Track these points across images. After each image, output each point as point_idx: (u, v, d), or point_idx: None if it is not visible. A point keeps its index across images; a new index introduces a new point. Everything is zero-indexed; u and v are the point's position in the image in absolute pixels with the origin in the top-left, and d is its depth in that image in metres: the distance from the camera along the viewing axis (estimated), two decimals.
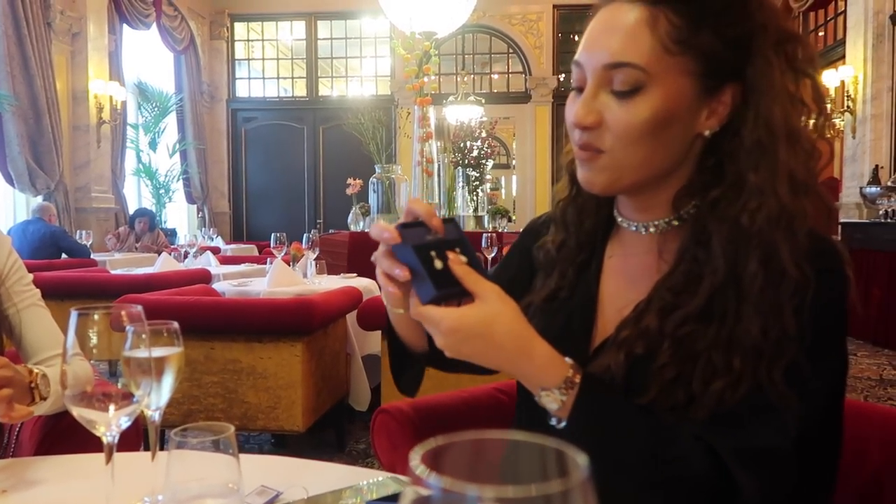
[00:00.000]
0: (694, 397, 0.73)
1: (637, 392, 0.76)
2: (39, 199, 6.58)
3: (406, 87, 5.22)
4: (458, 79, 8.58)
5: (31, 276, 1.20)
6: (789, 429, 0.70)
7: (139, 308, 0.74)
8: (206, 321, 2.61)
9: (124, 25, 8.17)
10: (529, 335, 0.72)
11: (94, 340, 0.77)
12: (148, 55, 9.05)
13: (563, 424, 0.72)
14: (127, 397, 0.73)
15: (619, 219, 0.89)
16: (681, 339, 0.75)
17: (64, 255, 5.66)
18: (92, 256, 5.79)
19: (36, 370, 1.02)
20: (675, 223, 0.83)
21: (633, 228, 0.87)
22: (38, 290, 1.21)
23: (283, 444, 3.05)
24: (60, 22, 7.03)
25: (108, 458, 0.72)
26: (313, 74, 10.51)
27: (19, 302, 1.15)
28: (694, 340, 0.74)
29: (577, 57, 0.81)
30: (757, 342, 0.71)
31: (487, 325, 0.70)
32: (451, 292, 0.70)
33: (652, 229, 0.85)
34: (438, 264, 0.69)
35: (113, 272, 4.60)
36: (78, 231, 6.26)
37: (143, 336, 0.80)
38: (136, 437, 1.23)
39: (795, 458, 0.70)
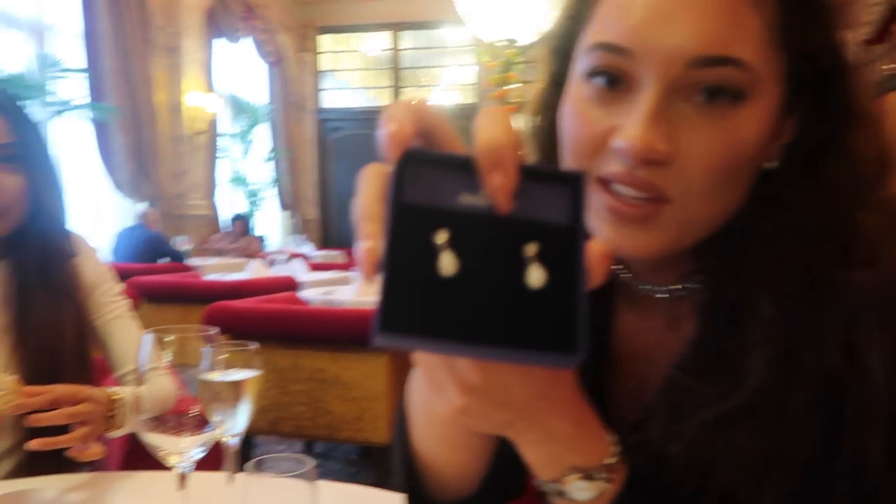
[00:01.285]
0: None
1: None
2: (144, 205, 6.90)
3: (490, 95, 5.15)
4: None
5: (120, 286, 1.20)
6: None
7: (216, 329, 0.69)
8: (292, 330, 2.61)
9: (218, 39, 8.48)
10: (580, 391, 0.46)
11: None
12: (240, 67, 9.38)
13: None
14: (202, 423, 0.68)
15: (624, 274, 0.62)
16: (702, 441, 0.52)
17: (161, 260, 5.90)
18: (188, 261, 6.02)
19: (118, 397, 1.00)
20: (693, 283, 0.58)
21: (645, 291, 0.61)
22: (127, 301, 1.20)
23: (369, 453, 3.01)
24: (160, 37, 7.36)
25: (181, 485, 0.67)
26: (397, 84, 10.60)
27: (107, 313, 1.14)
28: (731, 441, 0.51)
29: (615, 38, 0.51)
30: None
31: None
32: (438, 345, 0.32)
33: (670, 294, 0.59)
34: (448, 266, 0.32)
35: (205, 278, 4.74)
36: (175, 237, 6.53)
37: (221, 358, 0.75)
38: (216, 456, 1.20)
39: None
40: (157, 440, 0.66)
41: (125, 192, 6.78)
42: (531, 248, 0.32)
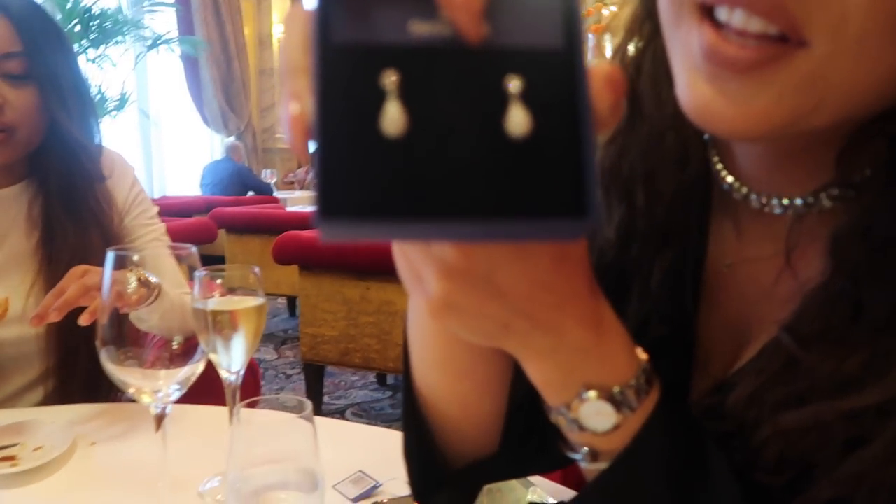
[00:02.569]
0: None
1: None
2: (231, 139, 7.05)
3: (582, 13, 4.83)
4: None
5: (155, 209, 1.14)
6: None
7: (193, 249, 0.60)
8: (360, 261, 2.56)
9: None
10: (598, 290, 0.35)
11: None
12: None
13: (597, 465, 0.37)
14: (183, 357, 0.60)
15: (729, 180, 0.44)
16: (807, 440, 0.36)
17: (250, 193, 6.03)
18: (275, 194, 6.12)
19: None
20: (831, 199, 0.40)
21: (757, 203, 0.43)
22: (162, 225, 1.14)
23: None
24: None
25: (158, 427, 0.59)
26: None
27: (140, 237, 1.09)
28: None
29: None
30: None
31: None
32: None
33: (792, 210, 0.41)
34: (401, 119, 0.22)
35: (288, 209, 4.79)
36: (263, 170, 6.65)
37: (218, 281, 0.66)
38: (254, 384, 1.15)
39: None
40: (127, 375, 0.58)
41: (213, 126, 6.93)
42: (513, 85, 0.23)
